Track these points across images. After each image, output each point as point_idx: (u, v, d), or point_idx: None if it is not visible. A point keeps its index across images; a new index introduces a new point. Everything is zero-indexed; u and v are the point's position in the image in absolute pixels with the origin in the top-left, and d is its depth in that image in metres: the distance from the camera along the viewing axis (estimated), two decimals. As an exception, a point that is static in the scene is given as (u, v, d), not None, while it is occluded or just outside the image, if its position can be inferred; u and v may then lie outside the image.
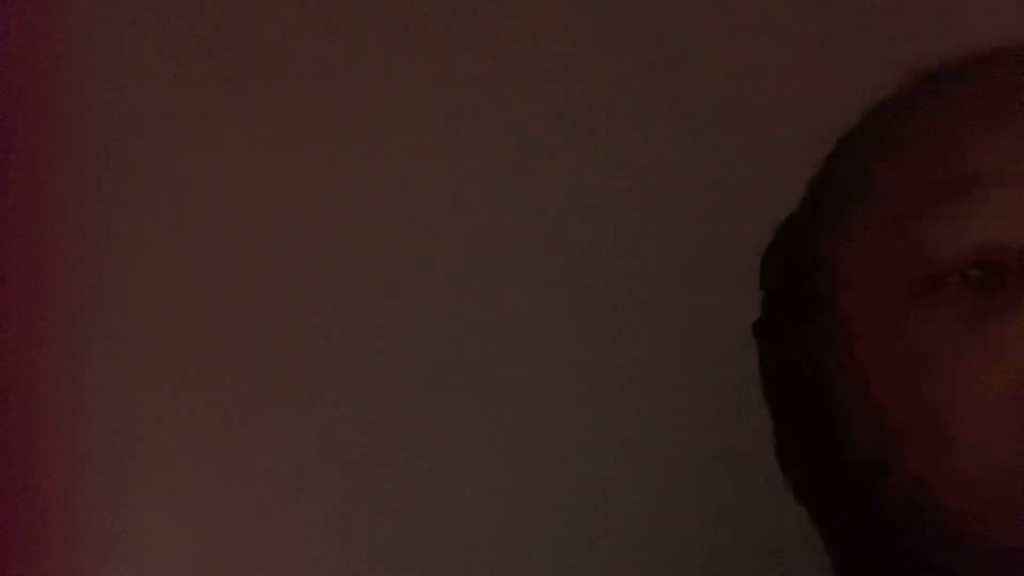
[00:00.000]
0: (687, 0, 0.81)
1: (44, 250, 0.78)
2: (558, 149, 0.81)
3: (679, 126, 0.82)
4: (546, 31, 0.80)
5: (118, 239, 0.78)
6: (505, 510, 0.82)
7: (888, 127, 0.69)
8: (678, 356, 0.83)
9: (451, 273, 0.80)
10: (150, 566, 0.80)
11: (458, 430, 0.81)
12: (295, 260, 0.79)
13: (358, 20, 0.79)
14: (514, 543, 0.83)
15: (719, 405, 0.77)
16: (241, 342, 0.79)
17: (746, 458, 0.76)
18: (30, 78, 0.77)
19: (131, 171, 0.78)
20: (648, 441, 0.77)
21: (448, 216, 0.80)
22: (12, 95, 0.76)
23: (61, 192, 0.77)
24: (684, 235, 0.82)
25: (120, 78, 0.77)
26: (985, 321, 0.63)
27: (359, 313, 0.80)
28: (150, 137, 0.78)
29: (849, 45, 0.83)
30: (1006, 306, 0.62)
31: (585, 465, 0.82)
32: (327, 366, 0.80)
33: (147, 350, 0.78)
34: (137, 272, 0.78)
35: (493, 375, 0.81)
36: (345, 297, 0.80)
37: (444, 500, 0.81)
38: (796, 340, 0.69)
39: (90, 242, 0.78)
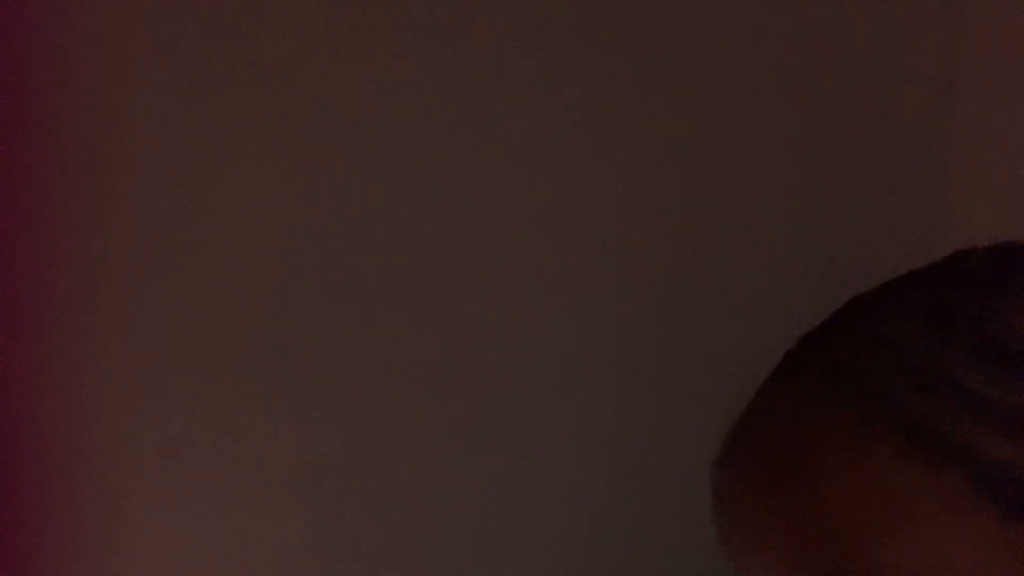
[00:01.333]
0: (689, 3, 0.81)
1: (45, 252, 0.78)
2: (559, 151, 0.81)
3: (681, 127, 0.82)
4: (552, 32, 0.80)
5: (119, 242, 0.78)
6: (505, 513, 0.82)
7: None
8: (678, 358, 0.83)
9: (450, 277, 0.80)
10: (149, 569, 0.80)
11: (457, 433, 0.81)
12: (295, 264, 0.79)
13: (358, 20, 0.79)
14: (514, 546, 0.83)
15: (719, 405, 0.77)
16: (242, 345, 0.79)
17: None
18: (30, 78, 0.77)
19: (133, 173, 0.78)
20: (646, 443, 0.77)
21: (447, 221, 0.80)
22: (12, 95, 0.76)
23: (63, 193, 0.77)
24: (683, 236, 0.82)
25: (121, 78, 0.77)
26: None
27: (358, 316, 0.80)
28: (151, 137, 0.78)
29: (849, 50, 0.83)
30: None
31: (584, 467, 0.82)
32: (327, 369, 0.80)
33: (147, 354, 0.78)
34: (138, 275, 0.78)
35: (492, 379, 0.81)
36: (345, 300, 0.80)
37: (444, 503, 0.81)
38: None
39: (91, 244, 0.78)
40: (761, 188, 0.83)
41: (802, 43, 0.83)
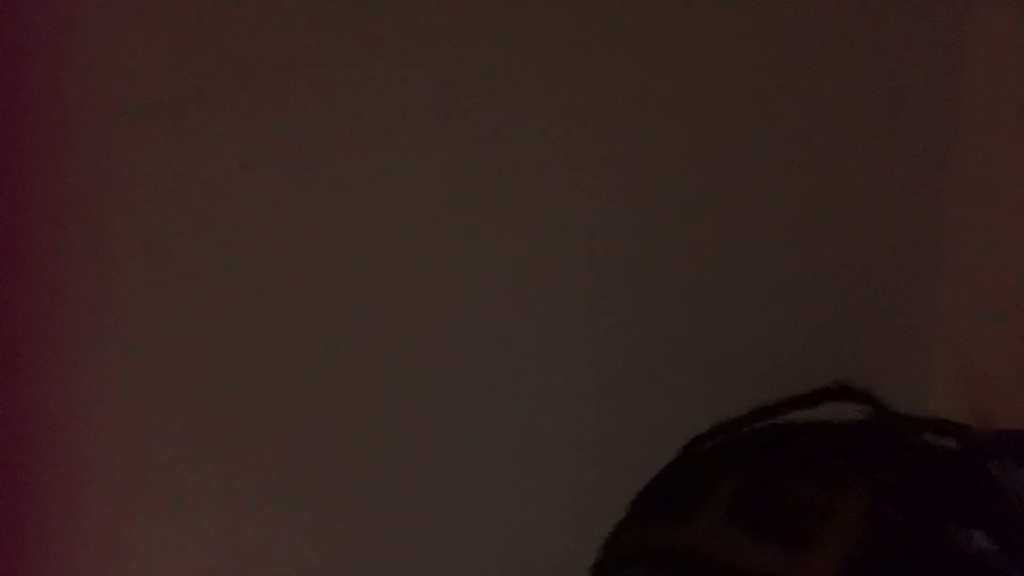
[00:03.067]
0: (692, 7, 0.81)
1: (46, 253, 0.78)
2: (557, 153, 0.81)
3: (680, 129, 0.82)
4: (552, 32, 0.80)
5: (121, 244, 0.78)
6: (504, 515, 0.82)
7: None
8: (677, 360, 0.83)
9: (449, 280, 0.80)
10: (150, 570, 0.80)
11: (458, 435, 0.81)
12: (297, 265, 0.79)
13: (358, 20, 0.79)
14: (514, 549, 0.83)
15: (716, 407, 0.77)
16: (243, 347, 0.79)
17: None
18: (31, 77, 0.77)
19: (133, 172, 0.78)
20: (644, 444, 0.77)
21: (444, 224, 0.80)
22: (12, 94, 0.76)
23: (67, 194, 0.77)
24: (682, 237, 0.82)
25: (121, 77, 0.77)
26: None
27: (360, 319, 0.80)
28: (152, 137, 0.78)
29: (851, 52, 0.83)
30: None
31: (583, 469, 0.82)
32: (329, 372, 0.80)
33: (149, 355, 0.78)
34: (141, 276, 0.78)
35: (493, 382, 0.81)
36: (345, 304, 0.80)
37: (445, 505, 0.81)
38: None
39: (94, 245, 0.78)
40: (760, 191, 0.83)
41: (803, 46, 0.83)
